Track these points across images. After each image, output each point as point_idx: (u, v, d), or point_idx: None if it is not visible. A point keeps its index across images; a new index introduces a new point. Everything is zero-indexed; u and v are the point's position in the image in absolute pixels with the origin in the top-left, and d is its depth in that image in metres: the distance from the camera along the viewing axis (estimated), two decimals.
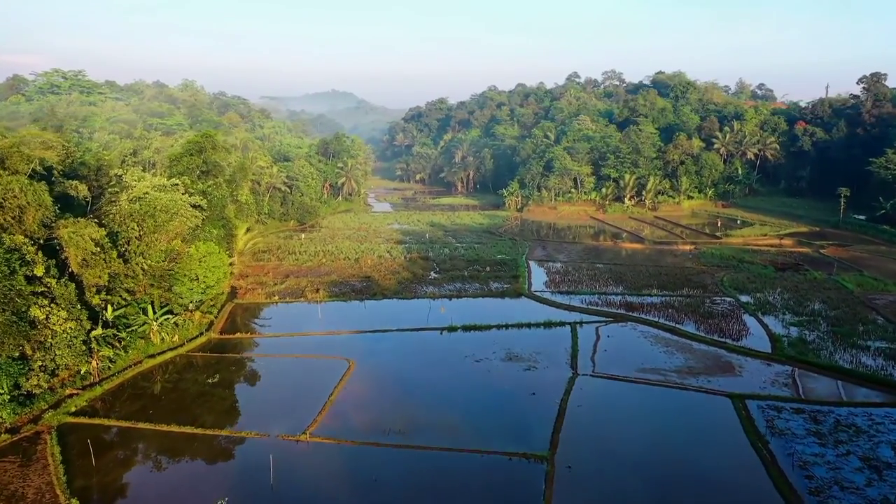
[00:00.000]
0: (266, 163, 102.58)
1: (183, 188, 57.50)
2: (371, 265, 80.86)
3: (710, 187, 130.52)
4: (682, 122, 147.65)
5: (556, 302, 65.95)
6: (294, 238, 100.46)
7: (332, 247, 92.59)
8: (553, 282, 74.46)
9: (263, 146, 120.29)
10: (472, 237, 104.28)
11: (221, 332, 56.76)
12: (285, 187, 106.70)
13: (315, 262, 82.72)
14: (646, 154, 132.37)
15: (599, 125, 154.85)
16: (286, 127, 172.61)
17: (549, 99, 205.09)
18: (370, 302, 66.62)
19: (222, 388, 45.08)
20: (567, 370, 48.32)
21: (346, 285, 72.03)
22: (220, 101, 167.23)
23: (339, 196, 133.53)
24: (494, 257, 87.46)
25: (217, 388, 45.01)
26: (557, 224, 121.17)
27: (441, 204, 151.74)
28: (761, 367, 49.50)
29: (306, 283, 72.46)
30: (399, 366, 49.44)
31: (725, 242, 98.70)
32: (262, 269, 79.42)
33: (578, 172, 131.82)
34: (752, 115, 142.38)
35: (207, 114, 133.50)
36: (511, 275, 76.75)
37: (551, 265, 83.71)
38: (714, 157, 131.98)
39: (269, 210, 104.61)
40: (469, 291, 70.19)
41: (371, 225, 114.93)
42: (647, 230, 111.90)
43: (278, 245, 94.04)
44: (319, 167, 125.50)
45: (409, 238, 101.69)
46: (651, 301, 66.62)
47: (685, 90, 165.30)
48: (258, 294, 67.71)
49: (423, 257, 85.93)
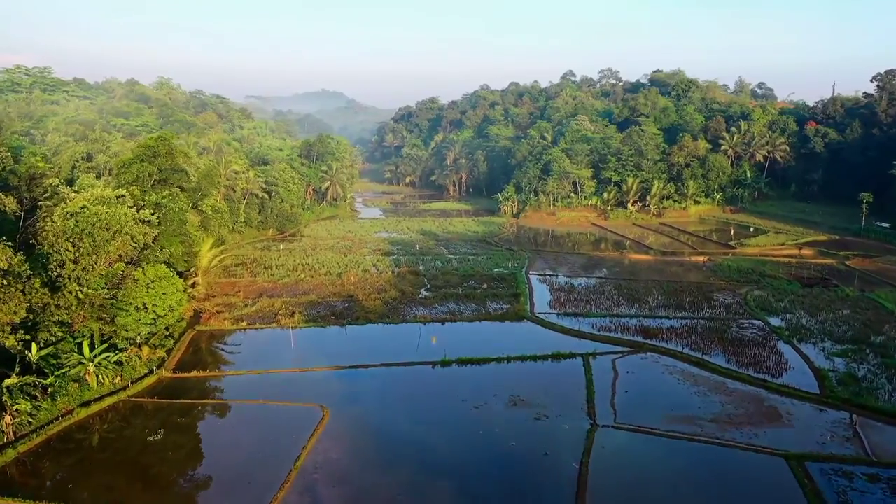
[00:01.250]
0: (241, 167, 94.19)
1: (131, 200, 49.17)
2: (355, 282, 72.72)
3: (717, 191, 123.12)
4: (686, 122, 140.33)
5: (562, 327, 58.06)
6: (272, 249, 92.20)
7: (312, 259, 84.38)
8: (558, 301, 66.58)
9: (241, 148, 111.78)
10: (466, 247, 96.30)
11: (176, 368, 48.51)
12: (263, 193, 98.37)
13: (293, 279, 74.49)
14: (649, 156, 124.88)
15: (598, 125, 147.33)
16: (269, 127, 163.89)
17: (543, 98, 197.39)
18: (352, 327, 58.51)
19: (165, 450, 36.85)
20: (583, 419, 40.46)
21: (325, 306, 63.89)
22: (198, 100, 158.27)
23: (324, 201, 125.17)
24: (491, 271, 79.54)
25: (159, 449, 36.81)
26: (557, 231, 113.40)
27: (432, 209, 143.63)
28: (813, 414, 41.83)
29: (281, 304, 64.26)
30: (382, 416, 41.32)
31: (740, 253, 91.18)
32: (233, 286, 71.15)
33: (578, 176, 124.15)
34: (760, 115, 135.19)
35: (180, 114, 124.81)
36: (511, 293, 68.81)
37: (554, 280, 75.83)
38: (721, 159, 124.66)
39: (245, 218, 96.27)
40: (464, 314, 62.16)
41: (357, 233, 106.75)
42: (652, 237, 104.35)
43: (254, 257, 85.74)
44: (302, 171, 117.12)
45: (397, 248, 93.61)
46: (670, 325, 58.91)
47: (687, 89, 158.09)
48: (224, 319, 59.42)
49: (413, 271, 77.85)
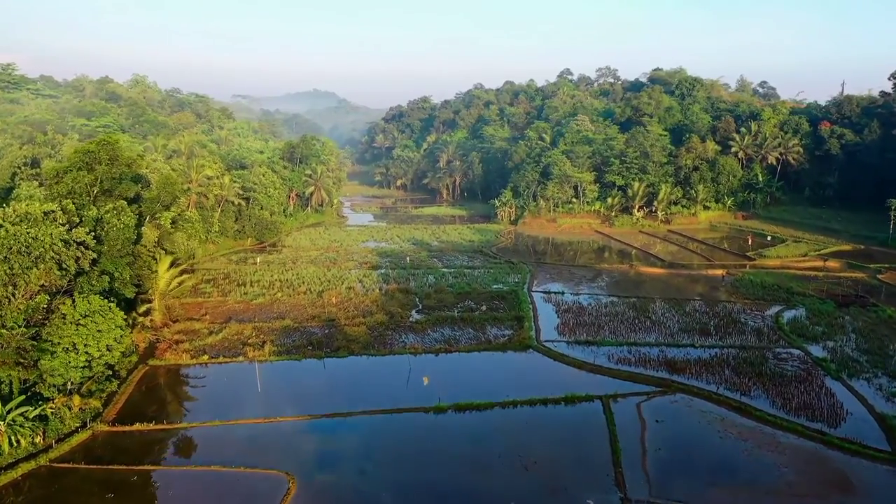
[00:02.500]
0: (215, 171, 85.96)
1: (64, 217, 41.02)
2: (337, 302, 64.68)
3: (728, 196, 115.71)
4: (692, 122, 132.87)
5: (574, 359, 50.27)
6: (249, 261, 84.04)
7: (292, 274, 76.31)
8: (566, 325, 58.75)
9: (217, 151, 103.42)
10: (461, 259, 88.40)
11: (116, 419, 40.41)
12: (240, 200, 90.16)
13: (268, 298, 66.38)
14: (655, 159, 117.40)
15: (599, 126, 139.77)
16: (252, 128, 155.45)
17: (540, 98, 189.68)
18: (332, 361, 50.51)
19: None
20: (611, 491, 32.72)
21: (302, 333, 55.87)
22: (175, 100, 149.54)
23: (308, 207, 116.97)
24: (490, 287, 71.70)
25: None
26: (558, 240, 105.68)
27: (424, 215, 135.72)
28: (890, 481, 34.25)
29: (251, 330, 56.18)
30: (361, 488, 33.38)
31: (760, 265, 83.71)
32: (200, 308, 63.02)
33: (579, 180, 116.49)
34: (770, 115, 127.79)
35: (152, 114, 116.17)
36: (513, 315, 60.96)
37: (560, 299, 67.97)
38: (732, 161, 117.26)
39: (219, 228, 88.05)
40: (461, 342, 54.25)
41: (343, 243, 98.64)
42: (661, 246, 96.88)
43: (227, 272, 77.59)
44: (284, 174, 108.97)
45: (386, 261, 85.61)
46: (697, 356, 51.26)
47: (692, 87, 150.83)
48: (183, 351, 51.24)
49: (403, 289, 69.84)
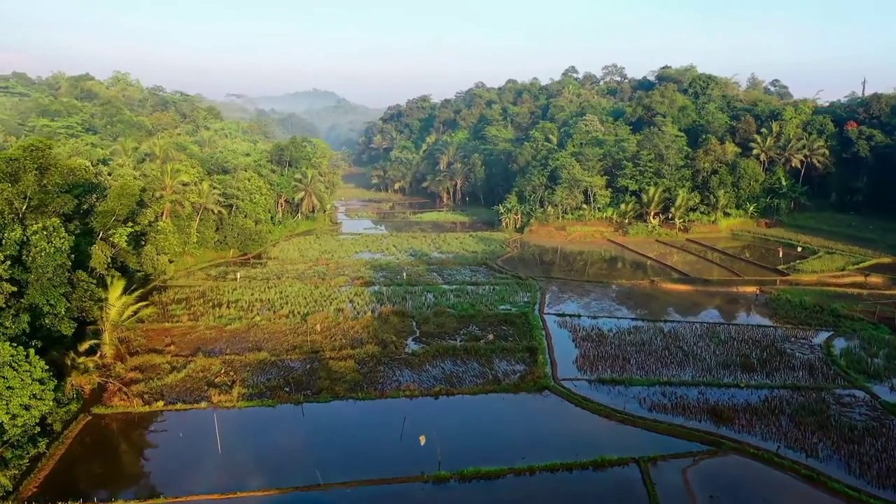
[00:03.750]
0: (193, 176, 77.87)
1: None
2: (322, 329, 56.60)
3: (750, 202, 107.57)
4: (708, 122, 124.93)
5: (600, 406, 42.20)
6: (229, 276, 76.03)
7: (274, 293, 68.31)
8: (587, 358, 50.71)
9: (199, 154, 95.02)
10: (464, 273, 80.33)
11: (34, 496, 32.38)
12: (220, 208, 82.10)
13: (244, 323, 58.31)
14: (671, 161, 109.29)
15: (609, 126, 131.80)
16: (241, 128, 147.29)
17: (544, 96, 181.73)
18: (312, 406, 42.52)
19: None
20: None
21: (279, 369, 47.88)
22: (158, 98, 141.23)
23: (298, 214, 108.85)
24: (496, 309, 63.66)
25: None
26: (568, 249, 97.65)
27: (423, 221, 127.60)
28: None
29: (220, 365, 48.17)
30: None
31: (794, 280, 75.67)
32: (165, 336, 54.95)
33: (590, 184, 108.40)
34: (792, 115, 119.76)
35: (128, 113, 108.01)
36: (524, 345, 52.91)
37: (577, 324, 59.86)
38: (753, 164, 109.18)
39: (198, 238, 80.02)
40: (465, 381, 46.22)
41: (335, 254, 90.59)
42: (678, 256, 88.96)
43: (202, 290, 69.57)
44: (272, 179, 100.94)
45: (381, 275, 77.58)
46: (745, 400, 43.32)
47: (706, 85, 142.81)
48: (136, 395, 43.16)
49: (399, 312, 61.74)
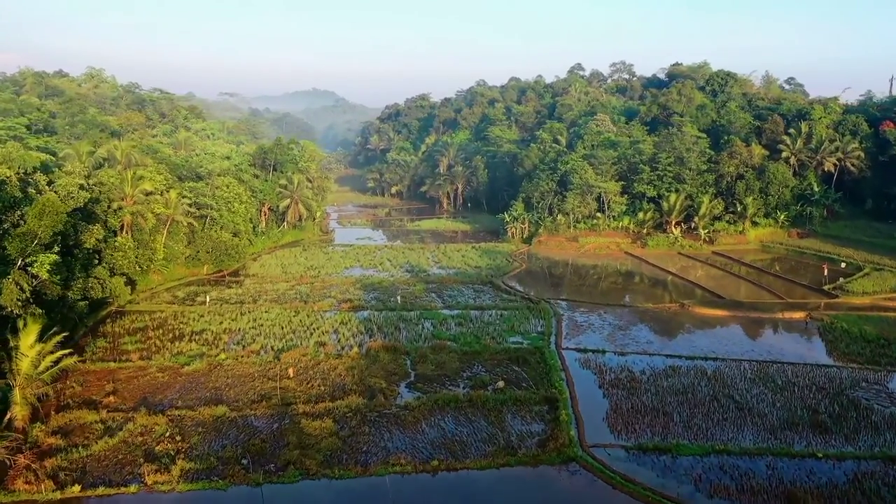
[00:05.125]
0: (158, 184, 68.42)
1: None
2: (298, 373, 47.10)
3: (780, 210, 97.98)
4: (729, 122, 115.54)
5: (646, 489, 32.68)
6: (198, 299, 66.52)
7: (247, 320, 58.89)
8: (619, 413, 41.20)
9: (174, 157, 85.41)
10: (466, 293, 70.87)
11: None
12: (191, 219, 72.62)
13: (205, 364, 48.73)
14: (692, 165, 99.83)
15: (621, 127, 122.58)
16: (227, 128, 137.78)
17: (549, 95, 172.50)
18: (274, 490, 33.01)
19: None
20: None
21: (239, 431, 38.42)
22: (133, 96, 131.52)
23: (284, 223, 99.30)
24: (505, 342, 54.19)
25: None
26: (581, 263, 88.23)
27: (422, 230, 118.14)
28: None
29: (165, 426, 38.68)
30: None
31: (845, 303, 66.20)
32: (110, 379, 45.54)
33: (604, 190, 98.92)
34: (821, 114, 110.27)
35: (92, 112, 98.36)
36: (542, 395, 43.36)
37: (602, 363, 50.38)
38: (783, 169, 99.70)
39: (165, 254, 70.63)
40: (469, 448, 36.66)
41: (322, 269, 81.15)
42: (702, 271, 79.61)
43: (164, 317, 60.11)
44: (254, 185, 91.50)
45: (372, 297, 68.15)
46: (827, 476, 33.88)
47: (724, 82, 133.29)
48: (49, 474, 33.55)
49: (390, 347, 52.20)
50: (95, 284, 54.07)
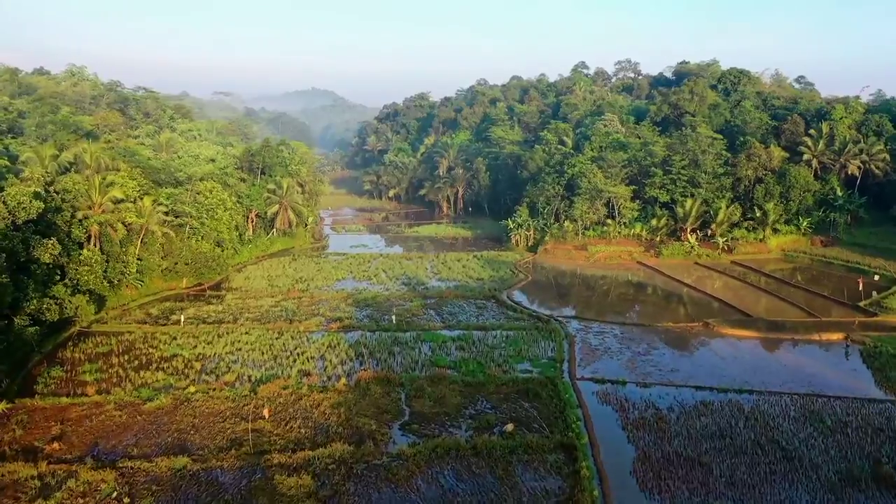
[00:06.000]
0: (129, 191, 62.36)
1: None
2: (276, 411, 41.04)
3: (802, 216, 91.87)
4: (744, 122, 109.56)
5: None
6: (173, 317, 60.42)
7: (223, 344, 52.88)
8: (650, 465, 35.16)
9: (153, 160, 79.15)
10: (468, 310, 64.76)
11: None
12: (167, 229, 66.57)
13: (170, 400, 42.69)
14: (708, 168, 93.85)
15: (631, 127, 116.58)
16: (216, 128, 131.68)
17: (553, 94, 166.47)
18: None
19: None
20: None
21: (200, 489, 32.37)
22: (116, 95, 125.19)
23: (273, 231, 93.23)
24: (513, 371, 48.16)
25: None
26: (591, 274, 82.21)
27: (420, 236, 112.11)
28: None
29: (113, 483, 32.61)
30: None
31: (884, 321, 60.18)
32: (58, 418, 39.57)
33: (615, 195, 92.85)
34: (842, 114, 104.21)
35: (64, 112, 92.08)
36: (557, 441, 37.22)
37: (623, 396, 44.32)
38: (805, 172, 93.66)
39: (140, 267, 64.63)
40: None
41: (312, 282, 75.13)
42: (723, 284, 73.62)
43: (132, 340, 54.06)
44: (240, 190, 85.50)
45: (365, 315, 62.13)
46: None
47: (737, 81, 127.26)
48: None
49: (383, 378, 46.16)
50: (52, 305, 48.11)
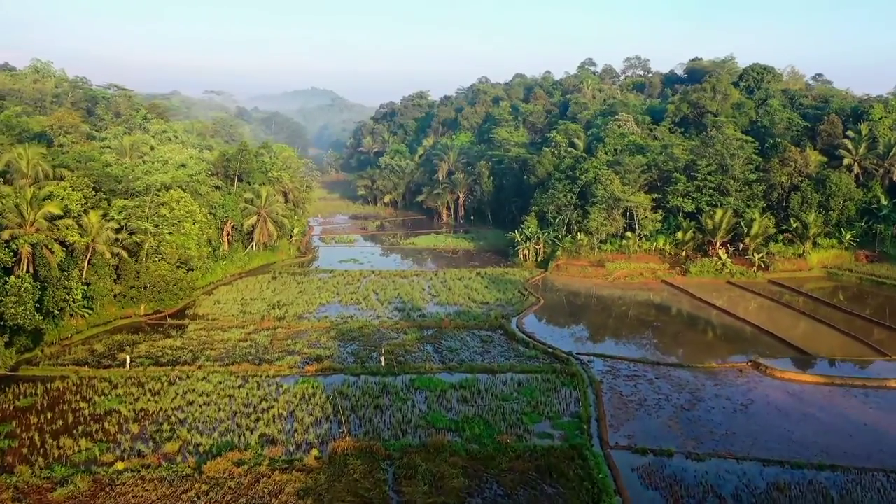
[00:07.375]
0: (72, 205, 52.63)
1: None
2: (221, 503, 31.32)
3: (845, 228, 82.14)
4: (772, 122, 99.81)
5: None
6: (120, 355, 50.64)
7: (172, 396, 43.13)
8: None
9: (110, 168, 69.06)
10: (471, 345, 54.92)
11: None
12: (118, 248, 56.84)
13: (87, 485, 32.91)
14: (738, 174, 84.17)
15: (645, 128, 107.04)
16: (196, 129, 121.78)
17: (559, 93, 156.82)
18: None
19: None
20: None
21: None
22: (83, 92, 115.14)
23: (251, 245, 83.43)
24: (529, 435, 38.47)
25: None
26: (609, 296, 72.43)
27: (418, 248, 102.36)
28: None
29: None
30: None
31: None
32: None
33: (635, 204, 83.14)
34: (882, 114, 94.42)
35: (9, 113, 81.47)
36: None
37: (670, 474, 34.53)
38: (847, 179, 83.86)
39: (86, 293, 54.95)
40: None
41: (291, 307, 65.40)
42: (762, 308, 64.05)
43: (62, 389, 44.35)
44: (213, 199, 75.80)
45: (349, 352, 52.41)
46: None
47: (761, 78, 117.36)
48: None
49: (365, 448, 36.36)
50: None
